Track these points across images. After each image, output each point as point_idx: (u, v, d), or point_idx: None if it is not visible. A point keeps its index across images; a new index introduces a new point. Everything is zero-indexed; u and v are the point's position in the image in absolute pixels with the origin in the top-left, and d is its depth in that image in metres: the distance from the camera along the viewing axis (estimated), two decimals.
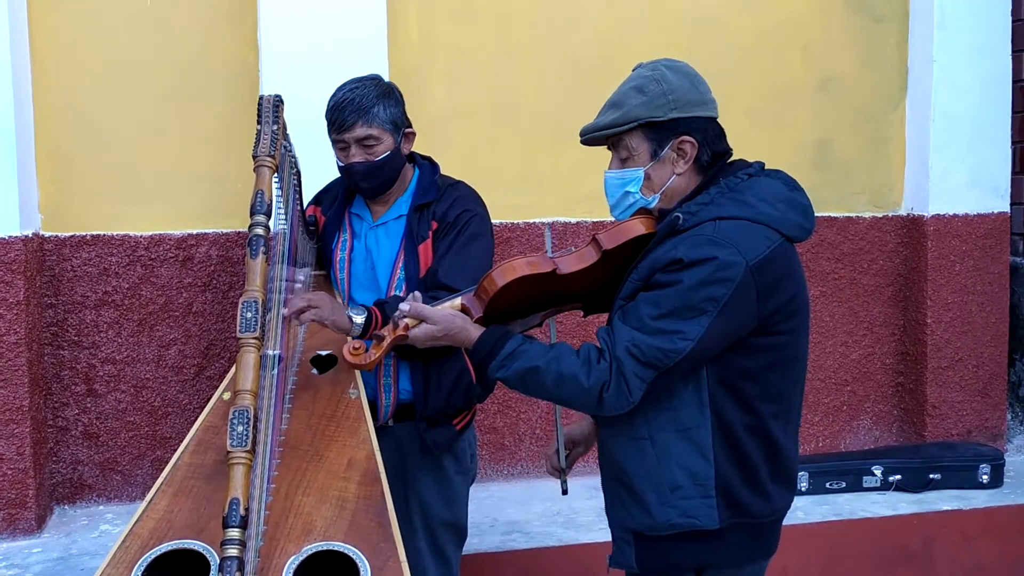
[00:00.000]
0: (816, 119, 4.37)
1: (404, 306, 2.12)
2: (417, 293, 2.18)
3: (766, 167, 2.14)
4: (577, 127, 2.21)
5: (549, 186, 4.10)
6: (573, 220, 4.08)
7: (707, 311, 1.94)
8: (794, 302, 2.05)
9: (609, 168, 2.16)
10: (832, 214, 4.33)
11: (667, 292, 1.97)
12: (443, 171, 2.85)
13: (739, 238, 1.97)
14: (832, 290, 4.38)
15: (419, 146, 2.90)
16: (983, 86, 4.31)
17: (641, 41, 4.09)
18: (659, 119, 2.06)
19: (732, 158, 2.15)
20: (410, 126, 2.76)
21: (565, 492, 2.45)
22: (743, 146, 2.17)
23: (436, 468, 2.79)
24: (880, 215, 4.43)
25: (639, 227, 2.12)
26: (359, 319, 2.51)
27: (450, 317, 2.11)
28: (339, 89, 2.69)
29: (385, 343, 2.12)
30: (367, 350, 2.14)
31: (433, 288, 2.61)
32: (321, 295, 2.53)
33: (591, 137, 2.14)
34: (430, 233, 2.70)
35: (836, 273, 4.38)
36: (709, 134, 2.09)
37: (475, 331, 2.11)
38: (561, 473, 2.44)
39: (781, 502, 2.12)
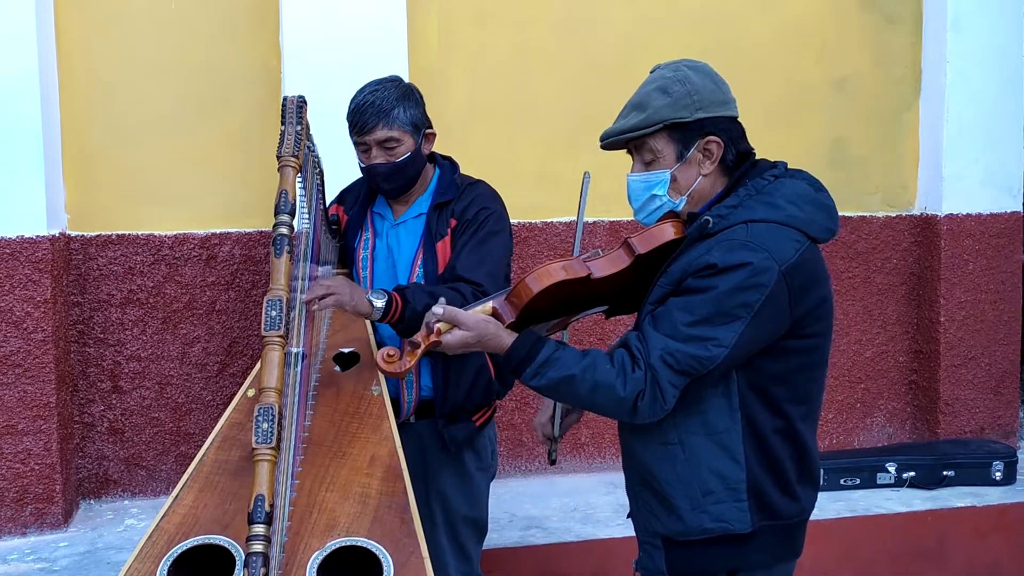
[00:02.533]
0: (831, 119, 4.34)
1: (437, 309, 2.06)
2: (443, 299, 2.14)
3: (789, 167, 2.11)
4: (594, 127, 2.19)
5: (566, 186, 4.08)
6: (590, 220, 4.06)
7: (741, 317, 1.92)
8: (823, 305, 2.02)
9: (632, 172, 2.12)
10: (846, 213, 4.30)
11: (701, 298, 1.94)
12: (462, 171, 2.84)
13: (771, 242, 1.94)
14: (846, 288, 4.35)
15: (438, 146, 2.89)
16: (996, 86, 4.27)
17: (658, 42, 4.07)
18: (685, 120, 2.03)
19: (755, 157, 2.13)
20: (431, 127, 2.76)
21: (553, 462, 2.41)
22: (759, 145, 2.14)
23: (457, 464, 2.78)
24: (894, 214, 4.40)
25: (671, 231, 2.09)
26: (379, 303, 2.48)
27: (483, 323, 2.06)
28: (360, 91, 2.68)
29: (420, 350, 2.07)
30: (401, 357, 2.10)
31: (453, 280, 2.60)
32: (340, 280, 2.51)
33: (612, 141, 2.10)
34: (449, 231, 2.70)
35: (850, 272, 4.36)
36: (733, 133, 2.07)
37: (508, 337, 2.06)
38: (553, 442, 2.40)
39: (808, 502, 2.10)
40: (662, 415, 1.99)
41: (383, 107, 2.62)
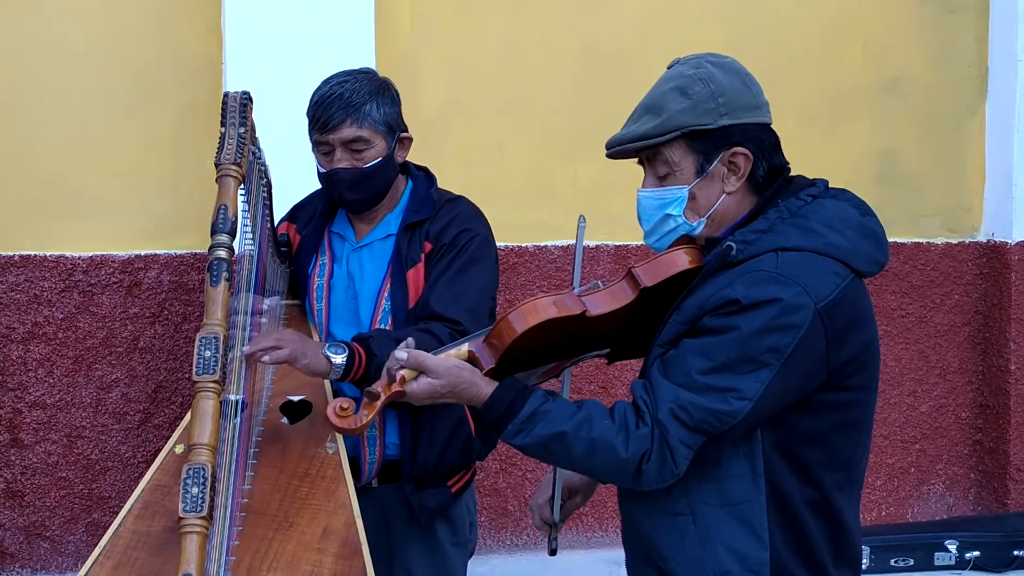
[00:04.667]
0: (879, 126, 4.37)
1: (400, 353, 2.05)
2: (411, 340, 2.14)
3: (830, 186, 2.12)
4: (598, 131, 2.20)
5: (564, 201, 4.09)
6: (592, 243, 4.07)
7: (768, 364, 1.91)
8: (867, 351, 2.02)
9: (643, 186, 2.12)
10: (898, 239, 4.32)
11: (720, 340, 1.93)
12: (439, 183, 2.84)
13: (806, 275, 1.94)
14: (898, 330, 4.37)
15: (410, 152, 2.89)
16: None
17: (675, 32, 4.11)
18: (707, 127, 2.02)
19: (790, 173, 2.13)
20: (406, 130, 2.77)
21: (554, 552, 2.40)
22: (792, 158, 2.15)
23: (428, 537, 2.76)
24: (955, 241, 4.42)
25: (684, 260, 2.09)
26: (339, 359, 2.49)
27: (456, 369, 2.04)
28: (325, 82, 2.69)
29: (379, 402, 2.05)
30: (357, 411, 2.09)
31: (425, 318, 2.60)
32: (290, 332, 2.52)
33: (621, 150, 2.10)
34: (422, 256, 2.70)
35: (903, 309, 4.37)
36: (765, 144, 2.06)
37: (486, 386, 2.04)
38: (552, 528, 2.38)
39: None
40: (672, 480, 1.98)
41: (353, 101, 2.63)
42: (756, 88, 2.08)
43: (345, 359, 2.49)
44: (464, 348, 2.11)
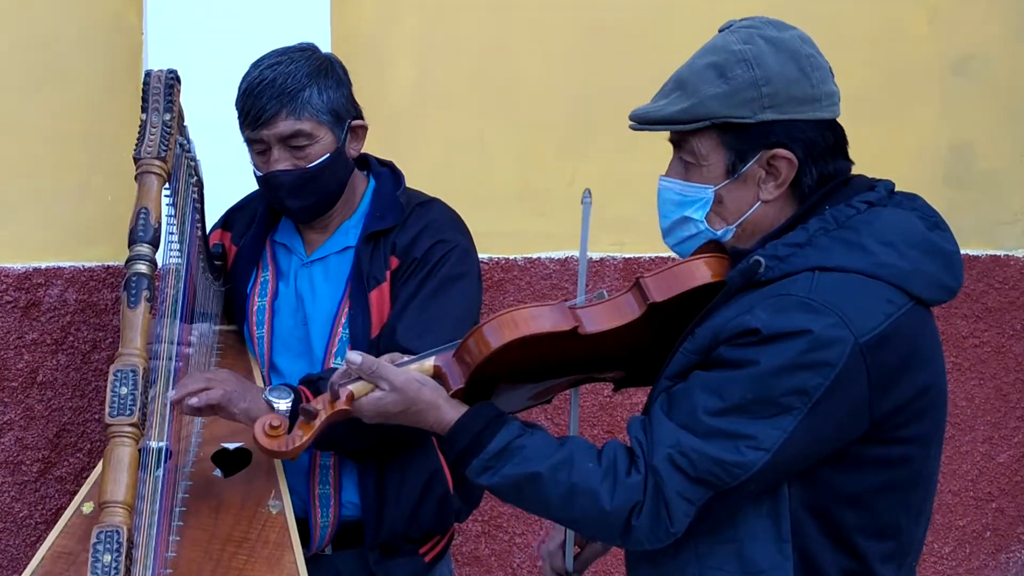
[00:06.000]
0: (948, 115, 4.38)
1: (354, 356, 2.09)
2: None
3: (895, 189, 2.12)
4: (601, 121, 2.21)
5: (559, 205, 4.09)
6: (596, 256, 4.07)
7: (792, 409, 1.93)
8: (925, 396, 2.03)
9: (667, 172, 2.14)
10: (971, 252, 4.32)
11: (735, 376, 1.95)
12: (409, 183, 2.85)
13: (846, 302, 1.95)
14: (970, 362, 4.37)
15: (375, 147, 2.90)
16: None
17: (696, 2, 4.10)
18: (744, 121, 2.03)
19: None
20: (360, 117, 2.78)
21: None
22: None
23: None
24: None
25: (704, 272, 2.11)
26: (282, 404, 2.49)
27: (415, 385, 2.08)
28: (254, 66, 2.71)
29: (319, 421, 2.09)
30: (290, 430, 2.12)
31: (391, 352, 2.59)
32: (224, 372, 2.51)
33: (643, 126, 2.12)
34: (388, 274, 2.71)
35: (976, 337, 4.37)
36: (818, 147, 2.05)
37: (451, 410, 2.08)
38: None
39: None
40: (668, 540, 1.99)
41: (288, 87, 2.64)
42: (819, 75, 2.07)
43: (290, 405, 2.49)
44: (429, 362, 2.13)
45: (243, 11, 3.62)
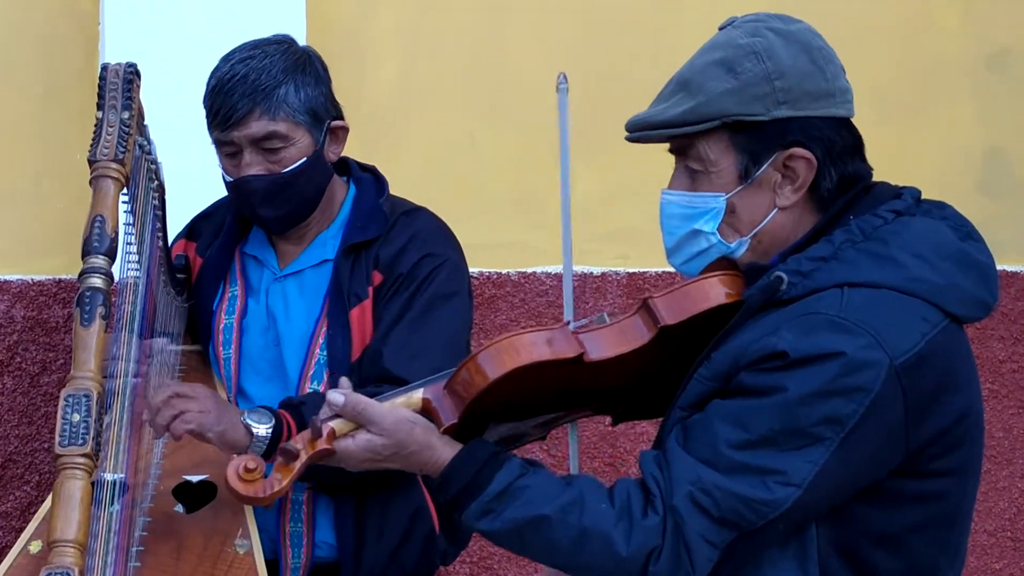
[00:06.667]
0: (982, 116, 4.39)
1: (336, 396, 2.06)
2: (345, 379, 2.15)
3: (922, 197, 2.12)
4: (600, 122, 2.21)
5: (555, 216, 4.06)
6: (597, 270, 4.07)
7: (824, 439, 1.92)
8: (963, 424, 2.03)
9: (670, 186, 2.14)
10: (1007, 267, 4.33)
11: (760, 405, 1.95)
12: (393, 190, 2.86)
13: (880, 320, 1.95)
14: (1008, 389, 4.37)
15: (354, 149, 2.90)
16: None
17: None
18: (757, 118, 2.03)
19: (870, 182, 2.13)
20: (340, 117, 2.79)
21: None
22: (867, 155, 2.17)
23: None
24: None
25: (718, 291, 2.11)
26: (262, 430, 2.49)
27: (407, 424, 2.06)
28: (225, 59, 2.71)
29: (297, 464, 2.06)
30: (267, 474, 2.09)
31: (376, 380, 2.60)
32: (201, 389, 2.51)
33: (645, 135, 2.12)
34: (370, 290, 2.72)
35: (1014, 361, 4.38)
36: (836, 146, 2.06)
37: (445, 449, 2.06)
38: None
39: None
40: None
41: (262, 84, 2.64)
42: (832, 69, 2.08)
43: (271, 431, 2.49)
44: (417, 395, 2.11)
45: (210, 1, 3.63)
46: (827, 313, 1.96)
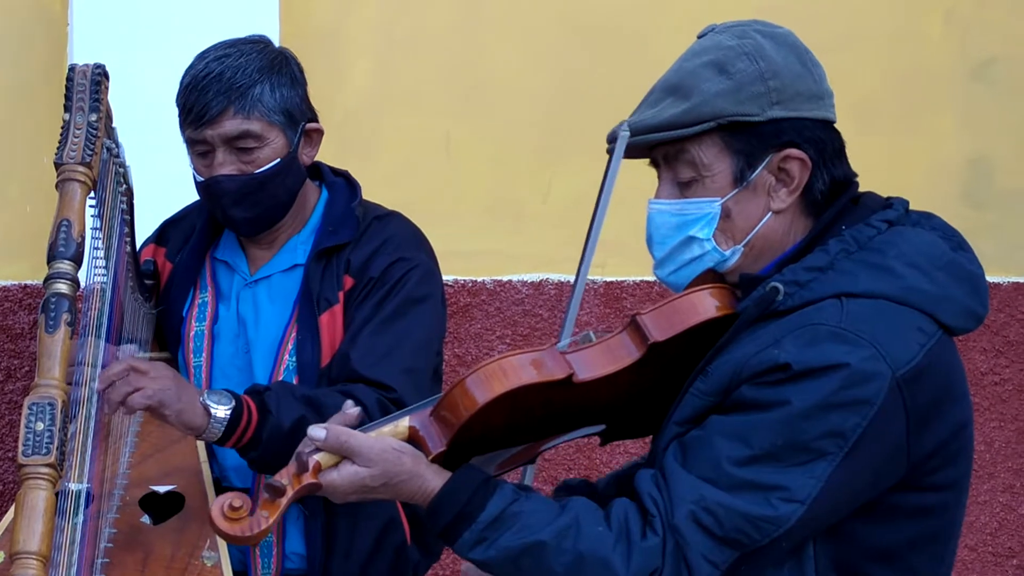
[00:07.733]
0: (966, 125, 4.40)
1: (317, 432, 2.03)
2: (350, 402, 2.14)
3: (910, 208, 2.13)
4: (581, 127, 2.20)
5: (535, 220, 4.09)
6: (569, 279, 4.06)
7: (827, 454, 1.92)
8: (960, 436, 2.03)
9: (657, 196, 2.13)
10: (992, 279, 4.29)
11: (762, 420, 1.94)
12: (366, 194, 2.85)
13: (881, 331, 1.94)
14: (990, 402, 4.38)
15: (327, 153, 2.89)
16: None
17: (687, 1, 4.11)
18: (752, 119, 2.03)
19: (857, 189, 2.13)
20: (315, 119, 2.78)
21: None
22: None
23: None
24: None
25: (708, 304, 2.09)
26: (221, 411, 2.47)
27: (394, 454, 2.03)
28: (200, 57, 2.71)
29: (285, 499, 2.03)
30: (253, 511, 2.06)
31: (345, 380, 2.60)
32: (160, 367, 2.50)
33: (632, 142, 2.09)
34: (341, 295, 2.71)
35: (996, 374, 4.39)
36: (827, 149, 2.07)
37: (434, 478, 2.03)
38: None
39: None
40: None
41: (237, 82, 2.64)
42: (819, 72, 2.10)
43: (229, 413, 2.47)
44: (404, 424, 2.09)
45: (182, 2, 3.62)
46: (829, 324, 1.95)
